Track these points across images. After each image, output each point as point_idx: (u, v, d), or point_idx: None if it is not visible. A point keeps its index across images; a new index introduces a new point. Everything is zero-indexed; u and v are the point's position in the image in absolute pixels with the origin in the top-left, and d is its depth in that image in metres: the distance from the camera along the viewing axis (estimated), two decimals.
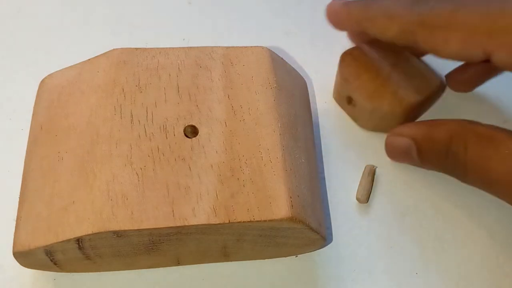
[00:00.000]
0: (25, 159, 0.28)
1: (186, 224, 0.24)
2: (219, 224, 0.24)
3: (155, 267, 0.29)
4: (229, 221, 0.24)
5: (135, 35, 0.40)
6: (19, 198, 0.27)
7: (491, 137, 0.28)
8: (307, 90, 0.33)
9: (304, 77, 0.33)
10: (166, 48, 0.30)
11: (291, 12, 0.43)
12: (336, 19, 0.34)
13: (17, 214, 0.26)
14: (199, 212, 0.24)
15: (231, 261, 0.29)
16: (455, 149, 0.29)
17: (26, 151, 0.28)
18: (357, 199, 0.33)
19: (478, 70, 0.36)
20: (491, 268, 0.31)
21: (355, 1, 0.33)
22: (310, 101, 0.33)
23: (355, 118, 0.36)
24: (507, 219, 0.33)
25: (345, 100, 0.36)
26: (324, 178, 0.34)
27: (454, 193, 0.34)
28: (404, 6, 0.30)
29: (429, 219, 0.33)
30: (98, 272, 0.29)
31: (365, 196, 0.33)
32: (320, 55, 0.40)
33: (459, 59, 0.30)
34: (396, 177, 0.34)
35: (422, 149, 0.32)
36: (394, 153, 0.34)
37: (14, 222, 0.26)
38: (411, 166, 0.34)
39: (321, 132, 0.36)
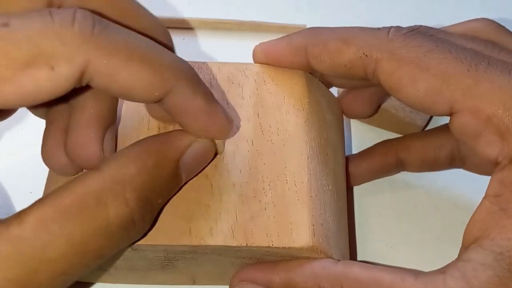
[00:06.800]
0: None
1: (202, 243, 0.23)
2: (236, 246, 0.24)
3: (170, 284, 0.28)
4: (246, 244, 0.23)
5: None
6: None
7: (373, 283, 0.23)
8: (341, 114, 0.32)
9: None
10: (199, 62, 0.29)
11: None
12: (273, 51, 0.29)
13: None
14: (217, 232, 0.24)
15: None
16: None
17: None
18: None
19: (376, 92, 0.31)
20: None
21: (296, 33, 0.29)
22: (344, 122, 0.32)
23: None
24: None
25: None
26: None
27: (454, 193, 0.34)
28: (367, 31, 0.26)
29: (429, 219, 0.33)
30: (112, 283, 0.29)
31: None
32: None
33: (416, 106, 0.25)
34: (396, 177, 0.34)
35: None
36: None
37: None
38: None
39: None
